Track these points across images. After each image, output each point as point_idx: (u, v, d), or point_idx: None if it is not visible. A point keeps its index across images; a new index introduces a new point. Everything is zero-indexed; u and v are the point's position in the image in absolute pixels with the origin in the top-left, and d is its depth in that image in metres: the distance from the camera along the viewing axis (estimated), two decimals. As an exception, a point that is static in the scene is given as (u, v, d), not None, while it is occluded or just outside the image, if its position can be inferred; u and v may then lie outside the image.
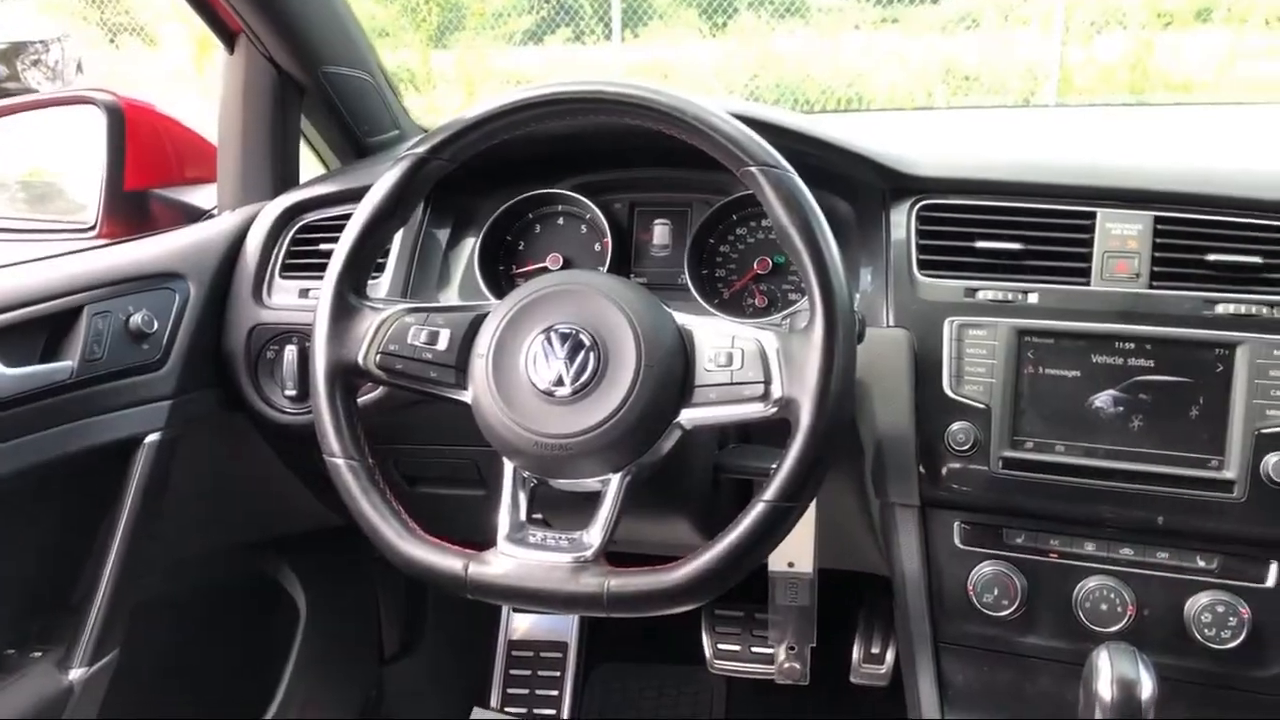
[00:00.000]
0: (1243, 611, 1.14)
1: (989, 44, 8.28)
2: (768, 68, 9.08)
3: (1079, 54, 7.59)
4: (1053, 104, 7.14)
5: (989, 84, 8.11)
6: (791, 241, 1.03)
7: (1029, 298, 1.22)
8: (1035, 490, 1.20)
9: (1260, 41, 7.57)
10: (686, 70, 8.99)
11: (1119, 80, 7.28)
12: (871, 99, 8.16)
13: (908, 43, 8.67)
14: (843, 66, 8.79)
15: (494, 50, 9.45)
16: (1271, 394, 1.12)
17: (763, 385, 1.02)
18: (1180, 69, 7.27)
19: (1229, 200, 1.19)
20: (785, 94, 8.59)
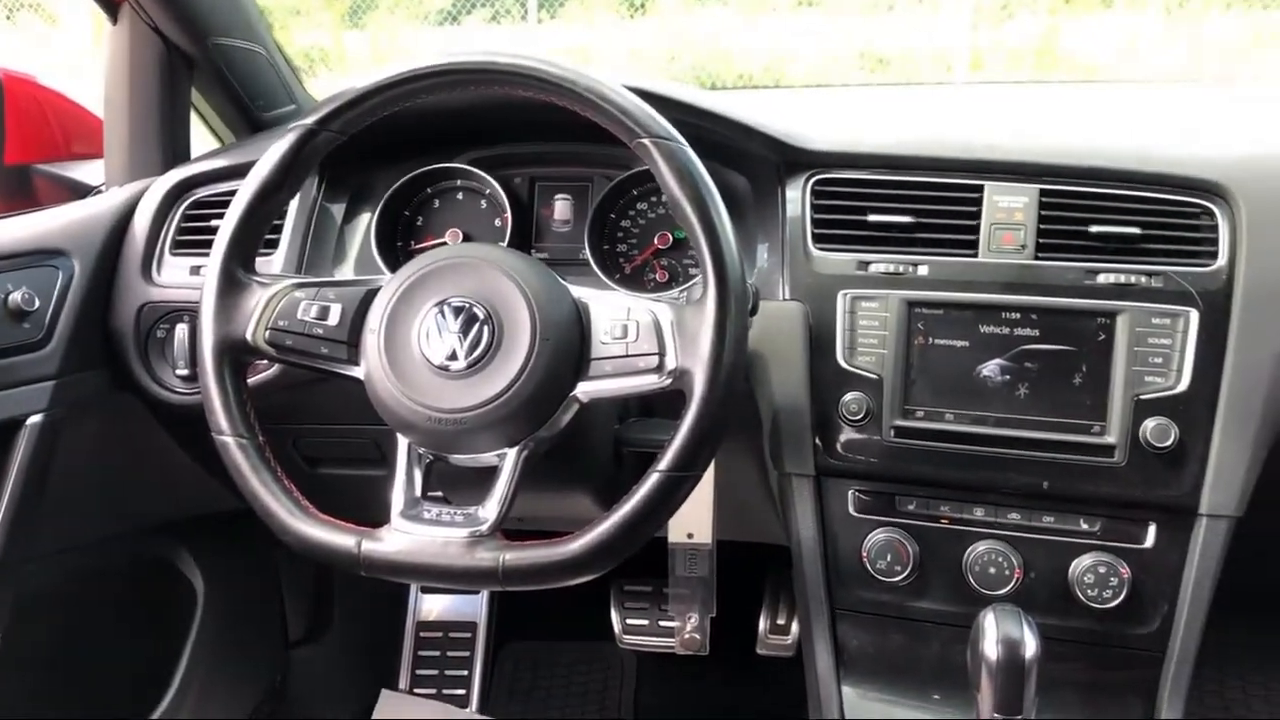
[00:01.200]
0: (1123, 571, 1.18)
1: (903, 28, 8.39)
2: (687, 50, 9.08)
3: (988, 38, 7.74)
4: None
5: (903, 67, 8.22)
6: (684, 213, 1.03)
7: (919, 270, 1.24)
8: (926, 458, 1.22)
9: (1160, 28, 7.80)
10: (605, 52, 8.96)
11: (1027, 64, 7.44)
12: (790, 82, 8.22)
13: (825, 25, 8.74)
14: (761, 49, 8.83)
15: (410, 30, 9.31)
16: (1150, 361, 1.16)
17: (657, 357, 1.03)
18: (1085, 53, 7.45)
19: (1110, 173, 1.22)
20: (704, 76, 8.61)
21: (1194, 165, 1.21)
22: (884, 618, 1.27)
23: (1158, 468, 1.16)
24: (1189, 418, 1.15)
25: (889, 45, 8.33)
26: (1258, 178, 1.20)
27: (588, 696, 2.07)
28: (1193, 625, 1.18)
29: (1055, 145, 1.26)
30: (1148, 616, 1.19)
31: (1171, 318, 1.16)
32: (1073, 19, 7.92)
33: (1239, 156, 1.23)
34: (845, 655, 1.29)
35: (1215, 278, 1.17)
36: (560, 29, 9.46)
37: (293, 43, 9.14)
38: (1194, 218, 1.20)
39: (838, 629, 1.29)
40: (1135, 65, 7.53)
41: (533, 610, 2.10)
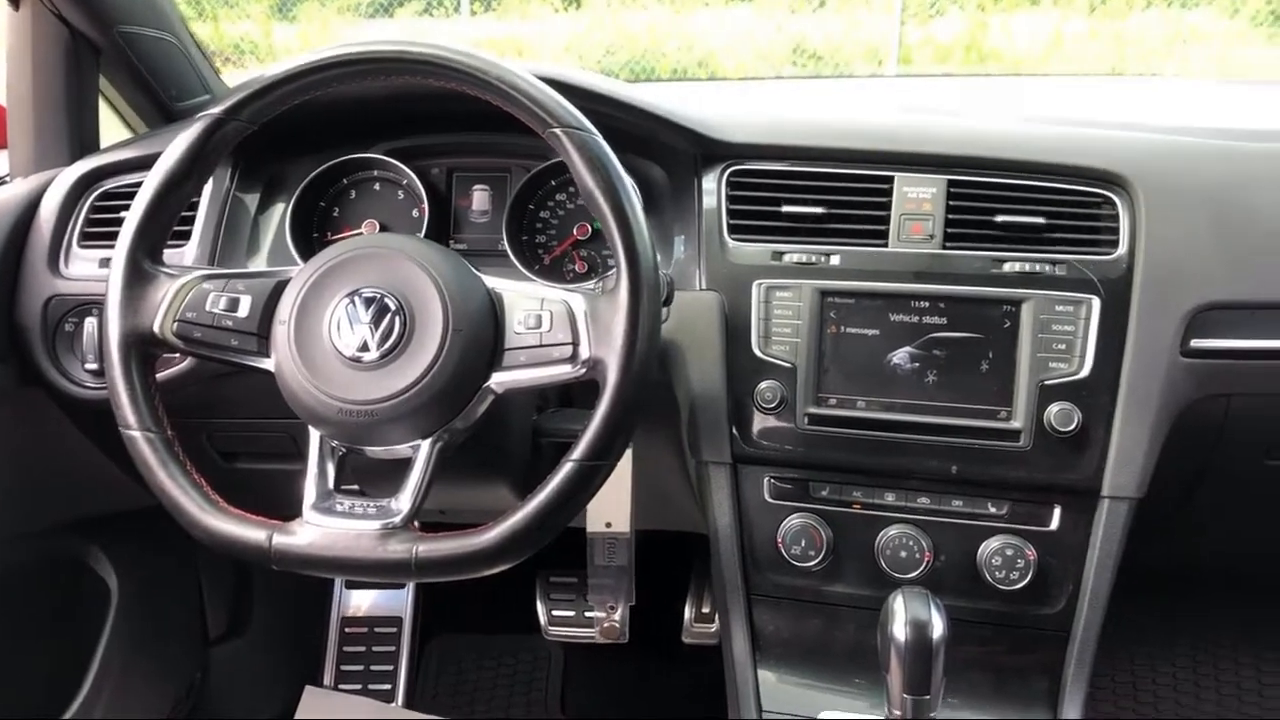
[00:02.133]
0: (1029, 554, 1.20)
1: (835, 23, 8.48)
2: (622, 44, 9.09)
3: (917, 34, 7.86)
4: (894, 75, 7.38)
5: (835, 62, 8.30)
6: (596, 204, 1.04)
7: (832, 260, 1.25)
8: (838, 444, 1.24)
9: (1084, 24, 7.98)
10: (539, 46, 8.93)
11: (955, 59, 7.57)
12: (724, 76, 8.26)
13: (758, 21, 8.80)
14: (695, 44, 8.87)
15: (341, 22, 9.19)
16: (1053, 347, 1.19)
17: (571, 347, 1.03)
18: (1011, 48, 7.60)
19: (1014, 164, 1.25)
20: (640, 70, 8.62)
21: (1095, 156, 1.24)
22: (799, 602, 1.29)
23: (1062, 451, 1.19)
24: (1091, 402, 1.18)
25: (821, 40, 8.41)
26: (1156, 168, 1.23)
27: (515, 688, 2.07)
28: (1096, 604, 1.21)
29: (963, 137, 1.28)
30: (1053, 597, 1.22)
31: (1074, 305, 1.19)
32: (1000, 15, 8.07)
33: (1139, 148, 1.26)
34: (761, 640, 1.30)
35: (1116, 266, 1.20)
36: (494, 22, 9.40)
37: (223, 34, 9.00)
38: (1096, 207, 1.23)
39: (754, 615, 1.30)
40: (1061, 60, 7.70)
41: (459, 603, 2.09)
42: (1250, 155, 1.28)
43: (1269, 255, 1.21)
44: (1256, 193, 1.24)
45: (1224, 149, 1.28)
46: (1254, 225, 1.22)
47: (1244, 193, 1.24)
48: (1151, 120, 1.45)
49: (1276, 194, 1.24)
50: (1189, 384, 1.20)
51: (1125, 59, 7.89)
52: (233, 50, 8.81)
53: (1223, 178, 1.25)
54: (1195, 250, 1.20)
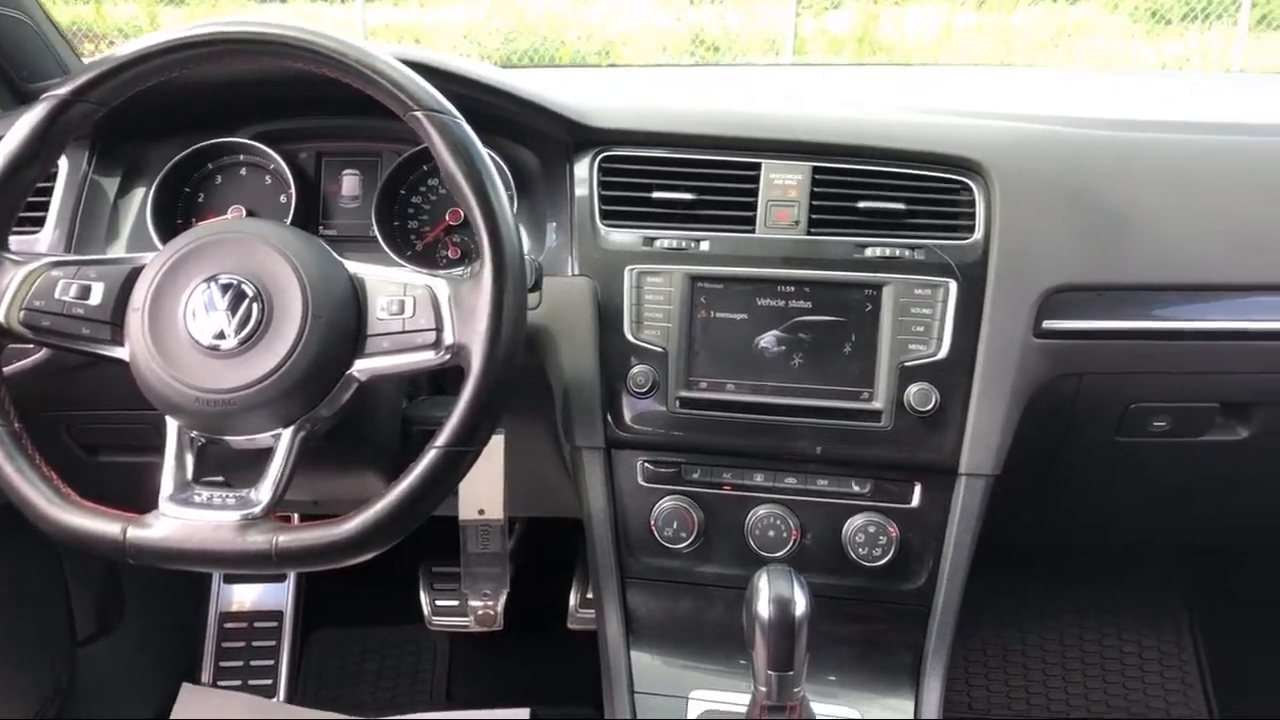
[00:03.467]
0: (891, 531, 1.24)
1: (733, 15, 8.56)
2: (521, 32, 9.03)
3: (812, 25, 7.98)
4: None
5: (733, 53, 8.38)
6: (459, 188, 1.03)
7: (701, 245, 1.27)
8: (709, 427, 1.26)
9: (973, 18, 8.19)
10: (437, 34, 8.82)
11: (848, 50, 7.71)
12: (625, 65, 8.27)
13: (658, 11, 8.83)
14: (595, 33, 8.86)
15: (233, 8, 8.94)
16: (913, 330, 1.22)
17: (434, 333, 1.02)
18: (903, 41, 7.77)
19: (876, 151, 1.28)
20: (539, 59, 8.58)
21: (952, 144, 1.27)
22: (672, 584, 1.31)
23: (921, 431, 1.23)
24: (949, 383, 1.22)
25: (719, 31, 8.48)
26: (1011, 155, 1.27)
27: (400, 679, 2.06)
28: (955, 579, 1.25)
29: (827, 125, 1.31)
30: (915, 572, 1.26)
31: (932, 289, 1.22)
32: (891, 9, 8.24)
33: (994, 135, 1.30)
34: (635, 623, 1.32)
35: (972, 250, 1.24)
36: (390, 10, 9.26)
37: (105, 17, 8.67)
38: (954, 193, 1.27)
39: (628, 597, 1.32)
40: (950, 53, 7.89)
41: (342, 597, 2.07)
42: (1102, 143, 1.33)
43: (1117, 239, 1.26)
44: (1107, 179, 1.29)
45: (1077, 137, 1.33)
46: (1104, 210, 1.27)
47: (1095, 179, 1.29)
48: (1018, 109, 1.49)
49: (1126, 180, 1.29)
50: (1041, 364, 1.24)
51: (1013, 52, 8.13)
52: (117, 34, 8.51)
53: (1075, 164, 1.30)
54: (1047, 234, 1.24)
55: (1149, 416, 1.34)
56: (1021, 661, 2.10)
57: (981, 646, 2.11)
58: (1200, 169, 1.31)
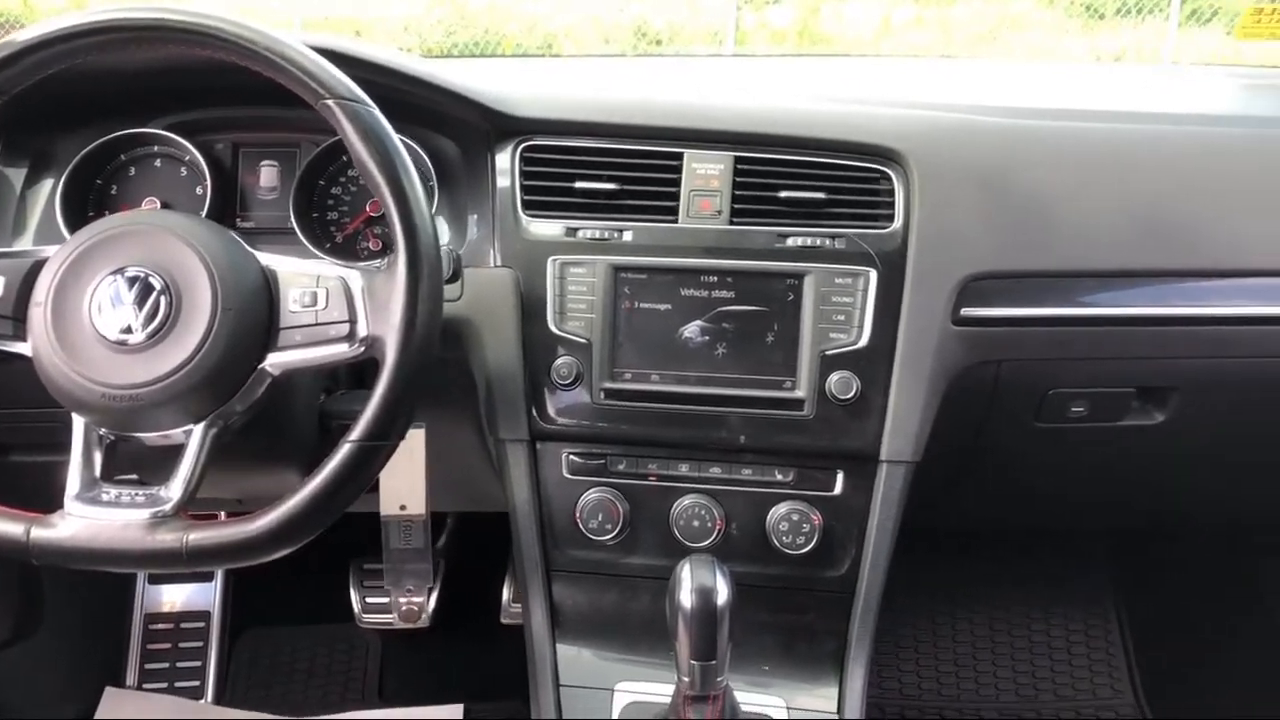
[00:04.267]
0: (815, 519, 1.24)
1: (676, 7, 8.57)
2: (463, 25, 8.97)
3: (753, 19, 8.02)
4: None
5: (676, 45, 8.39)
6: (372, 177, 1.01)
7: (625, 235, 1.26)
8: (634, 418, 1.25)
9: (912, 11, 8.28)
10: (377, 27, 8.74)
11: (789, 43, 7.76)
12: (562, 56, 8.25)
13: (602, 4, 8.82)
14: (538, 25, 8.82)
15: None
16: (834, 319, 1.23)
17: (348, 325, 1.01)
18: (843, 34, 7.84)
19: (796, 140, 1.28)
20: (483, 52, 8.53)
21: (872, 133, 1.28)
22: (597, 576, 1.30)
23: (843, 418, 1.23)
24: (869, 371, 1.22)
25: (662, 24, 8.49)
26: (929, 144, 1.28)
27: (331, 678, 2.03)
28: (878, 566, 1.26)
29: (749, 114, 1.31)
30: (838, 560, 1.27)
31: (852, 278, 1.23)
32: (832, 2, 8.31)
33: (913, 124, 1.31)
34: (560, 615, 1.31)
35: (892, 239, 1.24)
36: (328, 2, 9.14)
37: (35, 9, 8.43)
38: (873, 182, 1.27)
39: (553, 590, 1.31)
40: (890, 46, 7.97)
41: (271, 596, 2.03)
42: (1019, 132, 1.34)
43: (1033, 227, 1.27)
44: (1024, 167, 1.30)
45: (995, 126, 1.34)
46: (1020, 198, 1.28)
47: (1012, 167, 1.30)
48: (945, 98, 1.50)
49: (1042, 168, 1.30)
50: (960, 351, 1.25)
51: (952, 45, 8.23)
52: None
53: (992, 153, 1.31)
54: (964, 223, 1.25)
55: (1067, 402, 1.36)
56: (951, 647, 2.13)
57: (912, 633, 2.13)
58: (1116, 157, 1.33)
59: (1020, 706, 2.06)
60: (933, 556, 2.10)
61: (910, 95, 1.50)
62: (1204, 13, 8.56)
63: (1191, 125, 1.41)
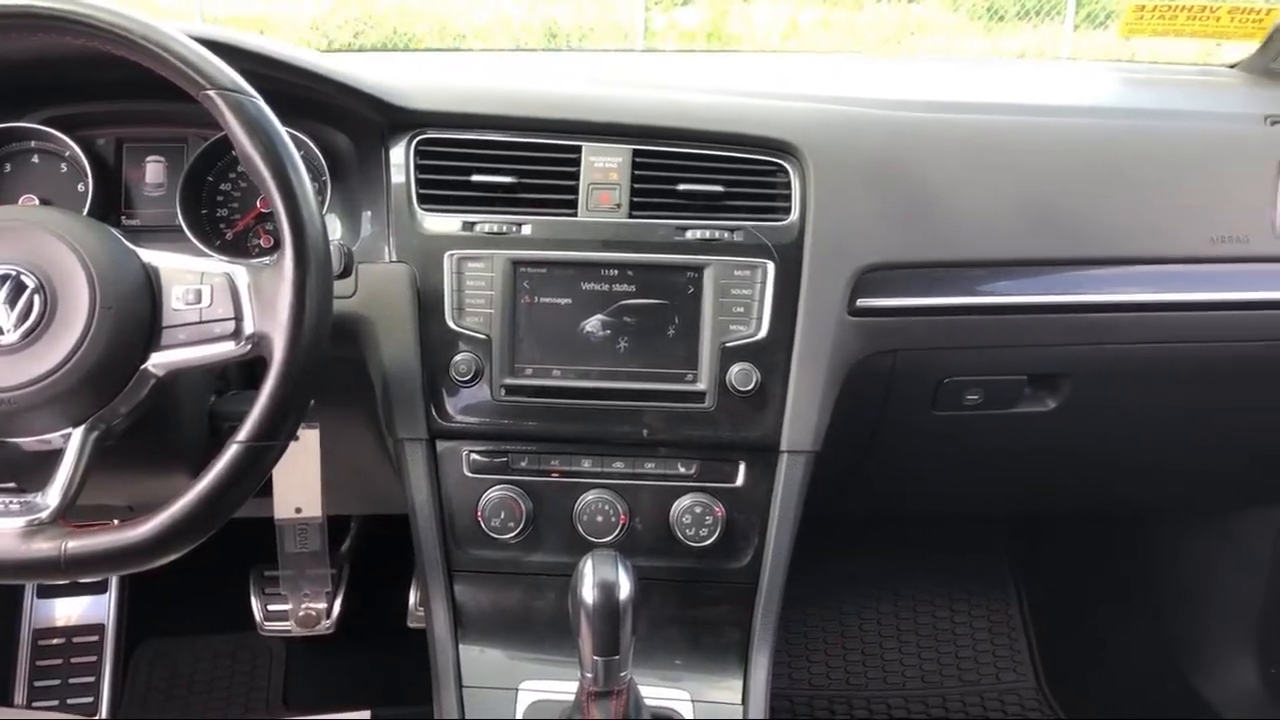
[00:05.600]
0: (717, 510, 1.24)
1: (587, 8, 8.58)
2: (371, 25, 8.86)
3: (662, 20, 8.06)
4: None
5: (587, 44, 8.40)
6: (257, 170, 0.99)
7: (523, 229, 1.25)
8: (535, 414, 1.24)
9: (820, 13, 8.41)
10: (284, 25, 8.58)
11: (698, 44, 7.82)
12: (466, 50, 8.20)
13: (513, 5, 8.78)
14: (448, 25, 8.75)
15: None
16: (733, 311, 1.23)
17: (234, 322, 0.99)
18: (751, 35, 7.92)
19: (694, 133, 1.28)
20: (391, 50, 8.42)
21: (767, 125, 1.29)
22: (500, 575, 1.29)
23: (743, 410, 1.23)
24: (768, 363, 1.23)
25: (572, 25, 8.49)
26: (824, 137, 1.29)
27: (234, 688, 1.98)
28: (779, 556, 1.26)
29: (646, 107, 1.30)
30: (741, 551, 1.27)
31: (751, 270, 1.23)
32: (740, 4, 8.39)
33: (808, 117, 1.32)
34: (463, 616, 1.30)
35: (789, 231, 1.25)
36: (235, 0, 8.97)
37: None
38: (770, 175, 1.28)
39: (455, 590, 1.29)
40: (799, 47, 8.08)
41: (169, 606, 1.97)
42: (912, 124, 1.36)
43: (926, 218, 1.29)
44: (917, 159, 1.32)
45: (889, 119, 1.36)
46: (914, 189, 1.30)
47: (905, 159, 1.32)
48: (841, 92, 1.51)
49: (935, 160, 1.33)
50: (857, 341, 1.27)
51: (858, 47, 8.37)
52: None
53: (886, 145, 1.33)
54: (859, 214, 1.27)
55: (962, 390, 1.38)
56: (859, 636, 2.15)
57: (820, 625, 2.15)
58: (1007, 149, 1.36)
59: (925, 693, 2.10)
60: (838, 547, 2.12)
61: (810, 89, 1.52)
62: (1098, 15, 8.85)
63: (1080, 118, 1.45)
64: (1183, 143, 1.40)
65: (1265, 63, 1.63)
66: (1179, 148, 1.39)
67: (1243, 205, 1.36)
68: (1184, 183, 1.36)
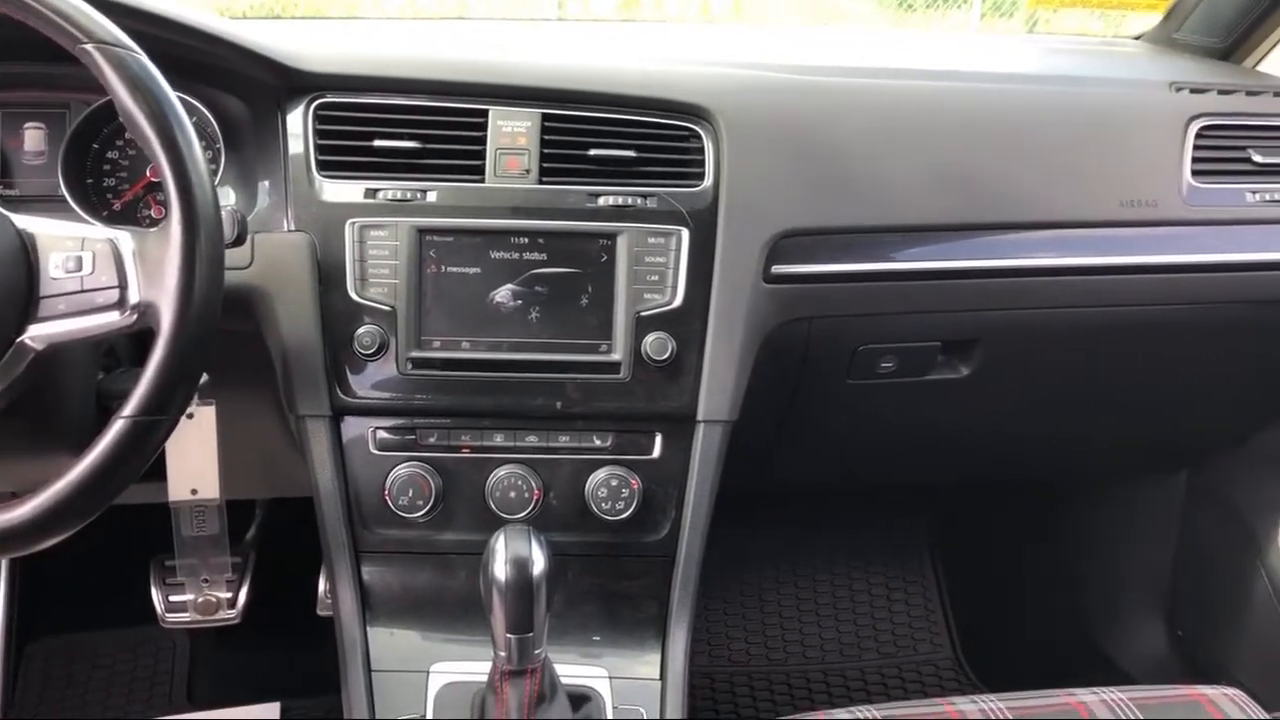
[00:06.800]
0: (633, 483, 1.22)
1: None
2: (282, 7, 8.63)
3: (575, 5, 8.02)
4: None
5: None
6: (140, 130, 0.93)
7: (428, 196, 1.21)
8: (444, 387, 1.20)
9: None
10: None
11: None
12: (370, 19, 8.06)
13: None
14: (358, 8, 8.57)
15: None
16: (647, 279, 1.20)
17: (118, 290, 0.93)
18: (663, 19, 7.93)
19: (604, 97, 1.25)
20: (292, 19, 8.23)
21: (680, 90, 1.26)
22: (410, 555, 1.25)
23: (659, 380, 1.21)
24: (684, 331, 1.20)
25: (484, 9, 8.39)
26: (737, 101, 1.27)
27: (135, 684, 1.90)
28: (697, 528, 1.24)
29: (555, 71, 1.27)
30: (658, 523, 1.25)
31: (665, 237, 1.21)
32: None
33: (722, 82, 1.30)
34: (371, 598, 1.25)
35: (703, 197, 1.23)
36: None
37: None
38: (683, 140, 1.25)
39: (363, 572, 1.25)
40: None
41: (65, 599, 1.88)
42: (826, 89, 1.35)
43: (840, 183, 1.28)
44: (830, 125, 1.31)
45: (803, 84, 1.35)
46: (827, 155, 1.29)
47: (819, 125, 1.30)
48: (736, 58, 1.49)
49: (848, 125, 1.32)
50: (772, 309, 1.25)
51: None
52: None
53: (800, 110, 1.31)
54: (773, 180, 1.25)
55: (876, 358, 1.38)
56: (778, 610, 2.16)
57: (740, 599, 2.15)
58: (921, 114, 1.36)
59: (844, 666, 2.11)
60: (760, 523, 2.12)
61: (724, 57, 1.50)
62: (1005, 5, 9.02)
63: (993, 83, 1.45)
64: (1092, 108, 1.41)
65: (1168, 33, 1.66)
66: (1089, 113, 1.40)
67: (1151, 170, 1.38)
68: (1094, 148, 1.37)
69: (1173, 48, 1.66)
